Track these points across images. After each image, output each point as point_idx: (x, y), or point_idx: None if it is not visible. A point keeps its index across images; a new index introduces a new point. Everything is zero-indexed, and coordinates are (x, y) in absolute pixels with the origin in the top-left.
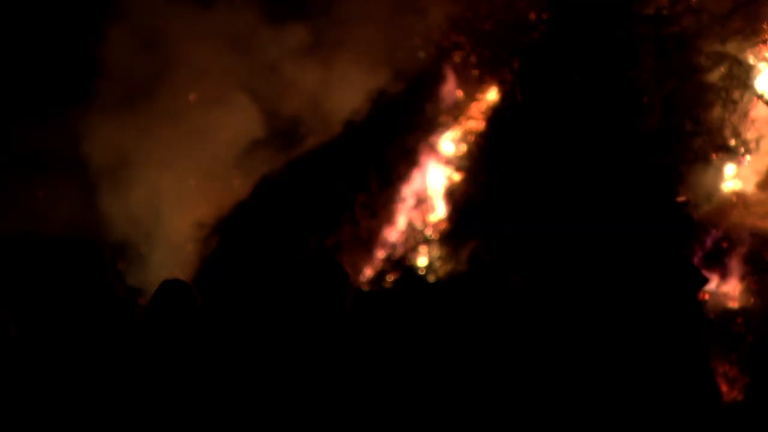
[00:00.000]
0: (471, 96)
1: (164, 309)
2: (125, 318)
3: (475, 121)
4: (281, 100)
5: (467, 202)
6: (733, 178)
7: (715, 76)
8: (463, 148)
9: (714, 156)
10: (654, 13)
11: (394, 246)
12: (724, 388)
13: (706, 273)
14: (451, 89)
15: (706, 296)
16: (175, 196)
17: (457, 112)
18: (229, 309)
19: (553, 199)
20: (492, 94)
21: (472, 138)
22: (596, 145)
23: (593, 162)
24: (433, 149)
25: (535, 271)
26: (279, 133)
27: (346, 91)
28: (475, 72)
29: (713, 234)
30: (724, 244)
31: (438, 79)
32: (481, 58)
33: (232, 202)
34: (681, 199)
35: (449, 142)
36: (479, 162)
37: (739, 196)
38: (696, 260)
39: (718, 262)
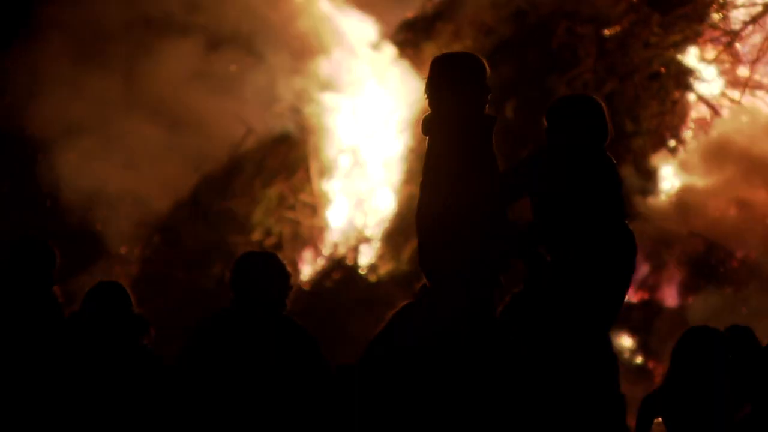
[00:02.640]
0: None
1: (97, 311)
2: (55, 318)
3: (418, 123)
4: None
5: (411, 202)
6: (672, 179)
7: (655, 76)
8: (407, 146)
9: (654, 156)
10: (594, 13)
11: (335, 245)
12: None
13: (646, 276)
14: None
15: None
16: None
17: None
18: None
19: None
20: None
21: (416, 137)
22: (536, 146)
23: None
24: (378, 148)
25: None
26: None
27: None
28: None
29: (653, 236)
30: (664, 246)
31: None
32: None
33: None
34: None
35: (395, 141)
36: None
37: (678, 196)
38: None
39: (657, 264)
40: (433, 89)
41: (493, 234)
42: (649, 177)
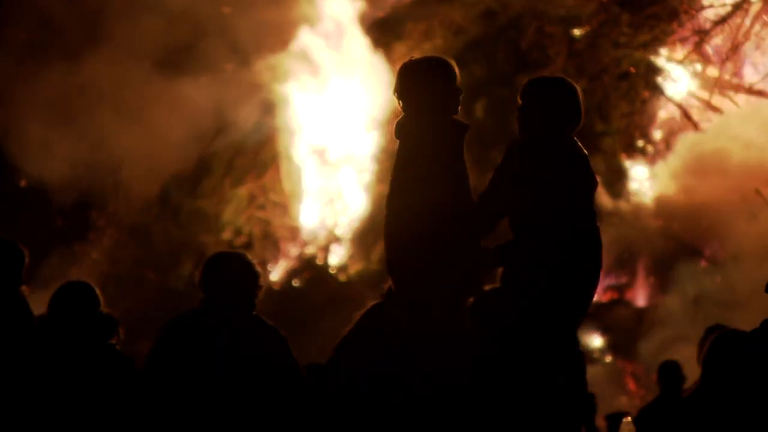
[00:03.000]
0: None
1: (65, 312)
2: (23, 319)
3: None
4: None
5: (382, 202)
6: (642, 180)
7: (625, 76)
8: (378, 146)
9: (623, 156)
10: (564, 13)
11: (306, 244)
12: (631, 386)
13: (614, 277)
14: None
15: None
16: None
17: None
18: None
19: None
20: None
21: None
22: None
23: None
24: (349, 147)
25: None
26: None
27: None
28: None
29: (623, 235)
30: (633, 248)
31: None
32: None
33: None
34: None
35: (366, 141)
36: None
37: (649, 197)
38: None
39: (626, 266)
40: (402, 94)
41: (463, 240)
42: (619, 177)
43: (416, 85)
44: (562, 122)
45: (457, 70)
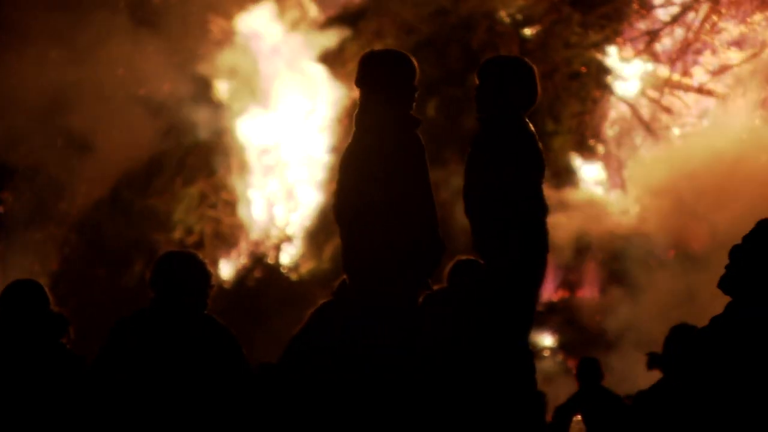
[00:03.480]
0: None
1: (12, 310)
2: None
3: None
4: None
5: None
6: (592, 180)
7: (576, 75)
8: (329, 145)
9: (574, 155)
10: (516, 12)
11: (257, 243)
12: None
13: (566, 275)
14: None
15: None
16: None
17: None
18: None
19: None
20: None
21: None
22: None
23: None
24: (300, 146)
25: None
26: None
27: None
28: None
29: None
30: (582, 249)
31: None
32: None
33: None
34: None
35: (317, 140)
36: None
37: (599, 197)
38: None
39: (574, 267)
40: (364, 83)
41: (418, 234)
42: (570, 175)
43: (379, 75)
44: (518, 102)
45: (416, 66)
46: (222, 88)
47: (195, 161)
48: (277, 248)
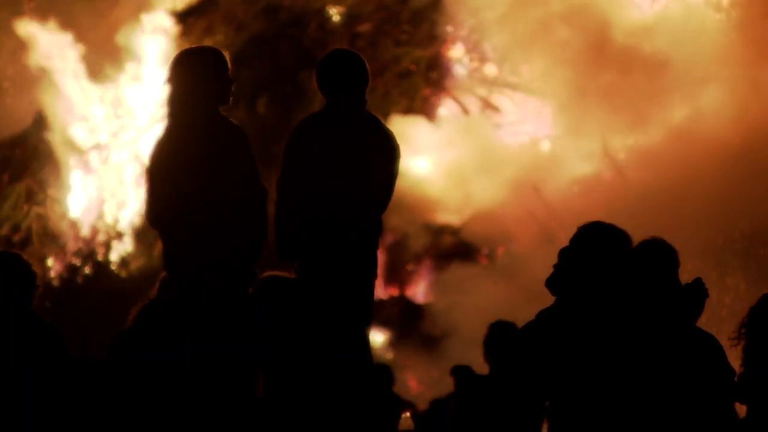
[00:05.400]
0: None
1: None
2: None
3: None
4: None
5: None
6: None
7: (406, 74)
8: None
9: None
10: (346, 10)
11: (86, 240)
12: (411, 382)
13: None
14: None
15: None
16: None
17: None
18: None
19: None
20: None
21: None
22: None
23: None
24: (130, 142)
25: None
26: None
27: None
28: None
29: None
30: (414, 244)
31: None
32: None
33: None
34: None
35: (146, 136)
36: None
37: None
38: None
39: (408, 259)
40: (171, 81)
41: (235, 230)
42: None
43: (184, 73)
44: (352, 91)
45: (228, 59)
46: (51, 80)
47: (22, 157)
48: (107, 245)
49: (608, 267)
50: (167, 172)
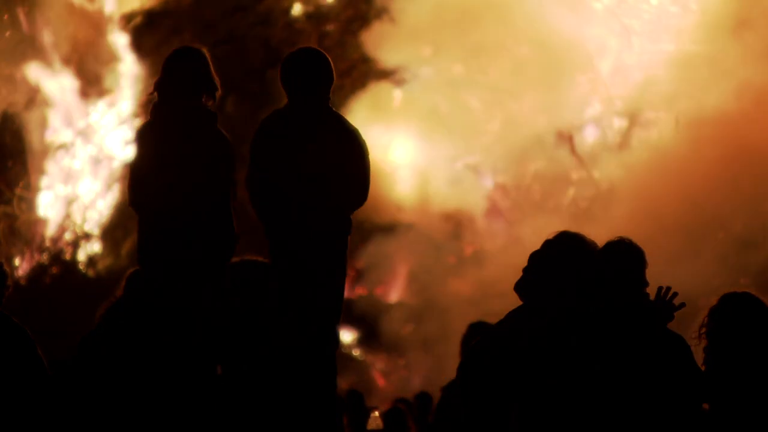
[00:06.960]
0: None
1: None
2: None
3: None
4: None
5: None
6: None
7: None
8: (127, 141)
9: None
10: (314, 10)
11: (53, 240)
12: (380, 381)
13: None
14: None
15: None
16: None
17: None
18: None
19: None
20: None
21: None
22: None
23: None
24: (99, 142)
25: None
26: None
27: None
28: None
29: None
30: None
31: None
32: None
33: None
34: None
35: (115, 136)
36: None
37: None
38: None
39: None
40: (163, 78)
41: (206, 227)
42: None
43: (178, 68)
44: (314, 87)
45: (209, 59)
46: (22, 78)
47: None
48: (74, 245)
49: (577, 271)
50: (151, 159)
